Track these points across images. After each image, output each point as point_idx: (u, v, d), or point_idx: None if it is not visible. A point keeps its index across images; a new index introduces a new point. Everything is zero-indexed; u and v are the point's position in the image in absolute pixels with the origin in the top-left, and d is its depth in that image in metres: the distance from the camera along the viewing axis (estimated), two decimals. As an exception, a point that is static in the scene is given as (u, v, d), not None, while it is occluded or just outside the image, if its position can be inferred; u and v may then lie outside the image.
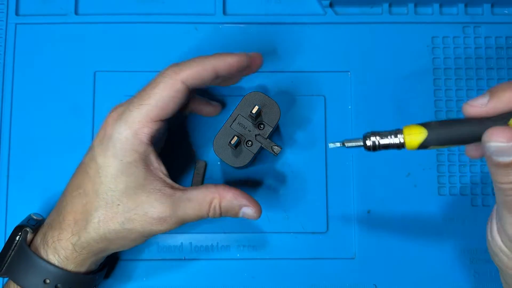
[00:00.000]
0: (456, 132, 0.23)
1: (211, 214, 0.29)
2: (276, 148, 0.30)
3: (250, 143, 0.31)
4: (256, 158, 0.34)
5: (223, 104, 0.36)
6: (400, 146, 0.24)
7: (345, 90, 0.37)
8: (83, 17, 0.38)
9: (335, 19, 0.38)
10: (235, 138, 0.30)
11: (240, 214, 0.29)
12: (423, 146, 0.24)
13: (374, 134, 0.25)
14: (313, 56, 0.37)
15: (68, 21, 0.37)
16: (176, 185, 0.29)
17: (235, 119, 0.31)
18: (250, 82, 0.37)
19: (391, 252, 0.36)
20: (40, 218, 0.32)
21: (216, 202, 0.28)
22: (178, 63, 0.28)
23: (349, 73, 0.37)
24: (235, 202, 0.29)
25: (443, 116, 0.37)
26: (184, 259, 0.36)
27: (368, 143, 0.25)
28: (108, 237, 0.28)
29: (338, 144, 0.25)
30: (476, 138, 0.23)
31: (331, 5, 0.38)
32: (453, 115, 0.37)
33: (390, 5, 0.38)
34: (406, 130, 0.24)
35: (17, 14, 0.38)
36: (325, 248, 0.36)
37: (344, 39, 0.38)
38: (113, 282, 0.35)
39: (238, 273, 0.36)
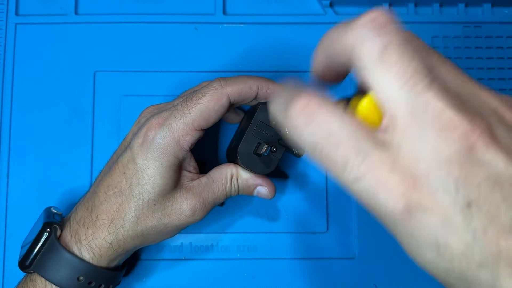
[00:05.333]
0: None
1: (233, 191, 0.31)
2: (300, 151, 0.30)
3: (274, 148, 0.31)
4: None
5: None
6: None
7: (345, 90, 0.37)
8: (83, 17, 0.38)
9: (335, 19, 0.38)
10: (265, 146, 0.30)
11: (255, 193, 0.32)
12: None
13: None
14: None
15: (68, 21, 0.37)
16: (201, 174, 0.31)
17: (256, 126, 0.30)
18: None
19: (391, 252, 0.36)
20: (60, 212, 0.32)
21: (234, 179, 0.31)
22: (224, 78, 0.29)
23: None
24: (250, 181, 0.31)
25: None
26: (184, 259, 0.36)
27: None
28: (145, 233, 0.29)
29: None
30: None
31: (331, 5, 0.38)
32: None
33: (390, 5, 0.38)
34: None
35: (17, 14, 0.38)
36: (325, 248, 0.36)
37: (344, 39, 0.38)
38: (113, 282, 0.35)
39: (238, 273, 0.36)
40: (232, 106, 0.31)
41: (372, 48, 0.16)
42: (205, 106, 0.28)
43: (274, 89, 0.30)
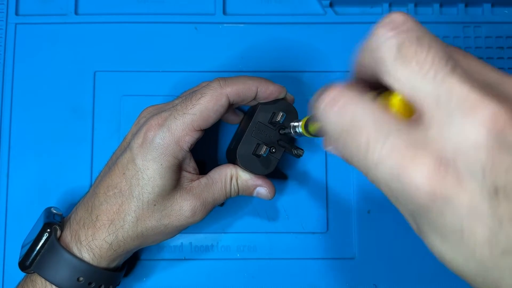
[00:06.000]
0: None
1: (233, 191, 0.31)
2: (299, 151, 0.30)
3: (273, 149, 0.30)
4: None
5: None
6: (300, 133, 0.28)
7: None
8: (83, 17, 0.38)
9: (335, 19, 0.38)
10: (264, 147, 0.30)
11: (254, 194, 0.32)
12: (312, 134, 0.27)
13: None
14: (313, 56, 0.37)
15: (68, 21, 0.37)
16: (200, 175, 0.31)
17: (256, 127, 0.30)
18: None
19: (391, 252, 0.36)
20: (60, 212, 0.32)
21: (234, 180, 0.31)
22: (224, 78, 0.29)
23: (349, 73, 0.37)
24: (250, 182, 0.31)
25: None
26: (184, 259, 0.36)
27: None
28: (145, 234, 0.29)
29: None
30: None
31: (331, 5, 0.38)
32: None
33: (390, 5, 0.38)
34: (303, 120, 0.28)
35: (17, 14, 0.38)
36: (325, 248, 0.36)
37: (344, 39, 0.38)
38: (113, 282, 0.35)
39: (238, 273, 0.36)
40: (232, 107, 0.31)
41: (390, 47, 0.16)
42: (205, 107, 0.28)
43: (273, 90, 0.30)
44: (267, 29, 0.38)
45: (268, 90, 0.30)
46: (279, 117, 0.30)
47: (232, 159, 0.32)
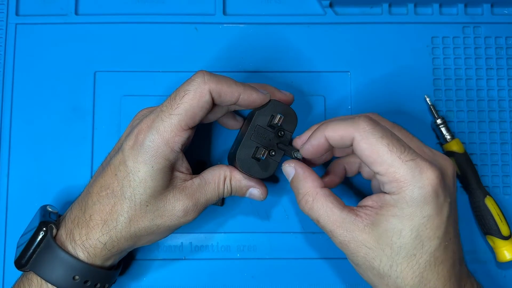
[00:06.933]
0: None
1: (226, 192, 0.31)
2: (298, 154, 0.30)
3: (273, 152, 0.30)
4: None
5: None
6: None
7: (345, 90, 0.37)
8: (83, 17, 0.38)
9: (335, 19, 0.38)
10: (263, 150, 0.30)
11: (247, 194, 0.32)
12: None
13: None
14: (313, 56, 0.38)
15: (68, 21, 0.38)
16: (194, 175, 0.31)
17: (254, 131, 0.30)
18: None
19: (391, 252, 0.36)
20: (55, 210, 0.32)
21: (227, 181, 0.31)
22: (209, 73, 0.29)
23: (349, 73, 0.38)
24: (243, 182, 0.31)
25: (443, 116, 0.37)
26: (184, 259, 0.36)
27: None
28: (138, 235, 0.29)
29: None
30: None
31: (331, 5, 0.38)
32: (452, 116, 0.37)
33: (390, 5, 0.38)
34: None
35: (17, 14, 0.38)
36: (325, 248, 0.36)
37: (344, 39, 0.38)
38: (113, 282, 0.35)
39: (238, 273, 0.36)
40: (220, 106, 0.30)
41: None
42: (189, 105, 0.28)
43: (255, 99, 0.29)
44: (267, 29, 0.38)
45: (250, 98, 0.29)
46: (278, 119, 0.30)
47: (233, 163, 0.32)
